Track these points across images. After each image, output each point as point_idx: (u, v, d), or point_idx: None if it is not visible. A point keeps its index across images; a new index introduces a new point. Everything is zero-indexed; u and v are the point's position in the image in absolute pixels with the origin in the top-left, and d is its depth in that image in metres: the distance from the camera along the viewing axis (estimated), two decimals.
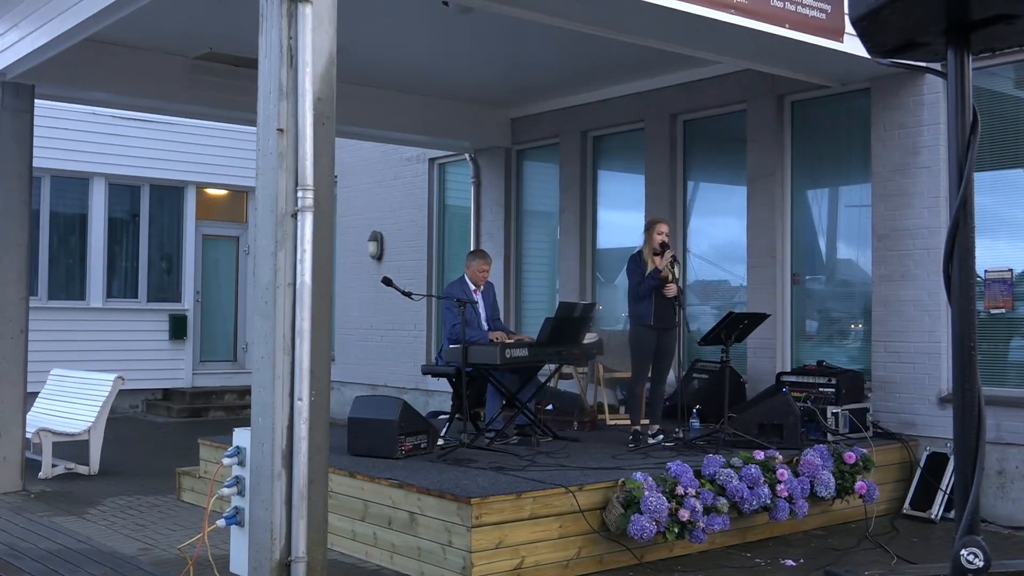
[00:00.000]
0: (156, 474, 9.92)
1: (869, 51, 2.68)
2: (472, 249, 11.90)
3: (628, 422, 8.94)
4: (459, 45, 9.67)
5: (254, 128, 5.44)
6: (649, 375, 8.48)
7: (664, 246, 8.23)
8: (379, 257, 14.31)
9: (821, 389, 8.64)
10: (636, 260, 8.40)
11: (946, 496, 8.07)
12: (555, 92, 11.63)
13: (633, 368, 8.53)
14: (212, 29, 9.09)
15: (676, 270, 8.36)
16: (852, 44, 7.73)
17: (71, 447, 10.45)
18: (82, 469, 10.13)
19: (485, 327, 8.94)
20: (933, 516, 8.07)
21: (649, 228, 8.41)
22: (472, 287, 8.98)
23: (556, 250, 12.17)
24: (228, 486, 5.41)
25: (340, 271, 14.67)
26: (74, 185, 15.49)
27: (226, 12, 8.42)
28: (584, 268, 11.71)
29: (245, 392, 15.54)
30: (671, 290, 8.21)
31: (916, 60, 2.73)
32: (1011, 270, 8.26)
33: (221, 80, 9.99)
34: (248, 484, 5.30)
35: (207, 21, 8.84)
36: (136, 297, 15.97)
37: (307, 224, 5.14)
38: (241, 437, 5.44)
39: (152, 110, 11.88)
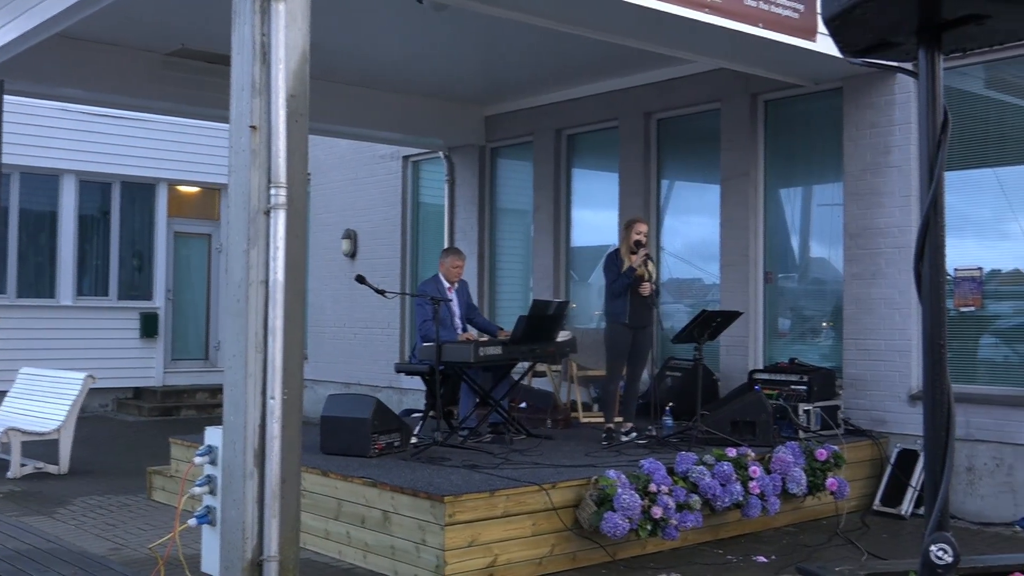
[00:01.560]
0: (127, 473, 9.85)
1: (841, 50, 2.70)
2: (446, 247, 11.89)
3: (602, 420, 8.96)
4: (433, 42, 9.66)
5: (227, 125, 5.41)
6: (624, 373, 8.51)
7: (638, 244, 8.25)
8: (352, 255, 14.26)
9: (793, 387, 8.69)
10: (613, 258, 8.42)
11: (916, 492, 8.14)
12: (529, 90, 11.63)
13: (608, 366, 8.55)
14: (184, 25, 9.02)
15: (652, 269, 8.40)
16: (825, 43, 7.77)
17: (40, 446, 10.35)
18: (52, 468, 10.04)
19: (459, 325, 8.93)
20: (903, 512, 8.14)
21: (627, 227, 8.43)
22: (446, 285, 8.96)
23: (530, 248, 12.17)
24: (199, 485, 5.38)
25: (313, 269, 14.60)
26: (44, 182, 15.34)
27: (198, 8, 8.36)
28: (558, 266, 11.72)
29: (217, 391, 15.44)
30: (646, 289, 8.23)
31: (888, 60, 2.74)
32: (980, 268, 8.34)
33: (193, 76, 9.92)
34: (220, 483, 5.26)
35: (179, 17, 8.78)
36: (107, 295, 15.85)
37: (280, 221, 5.12)
38: (213, 436, 5.40)
39: (124, 106, 11.78)
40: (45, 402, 10.45)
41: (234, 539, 5.08)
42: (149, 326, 15.98)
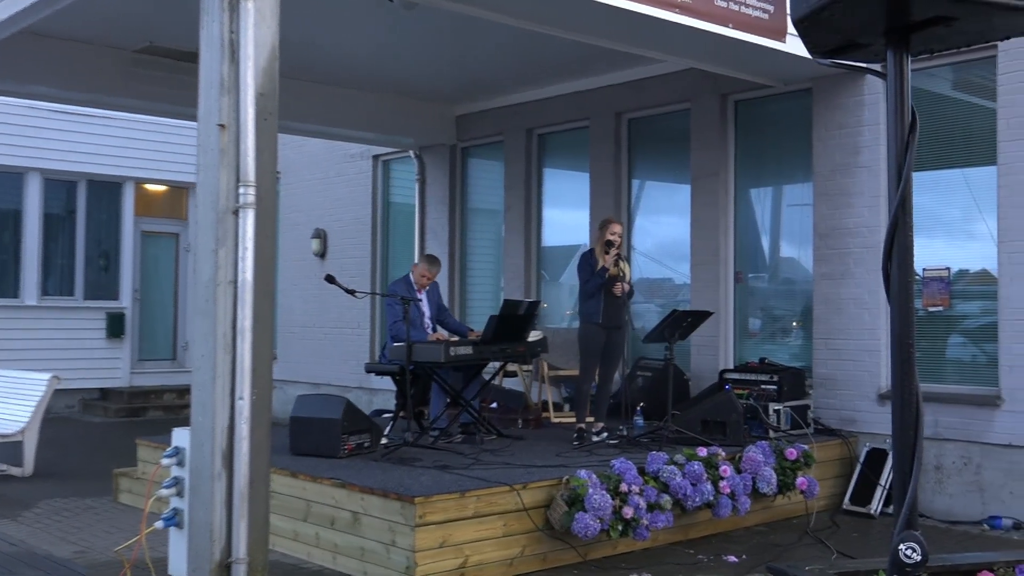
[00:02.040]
0: (92, 476, 9.75)
1: (810, 51, 2.72)
2: (425, 252, 11.86)
3: (573, 420, 8.97)
4: (404, 41, 9.63)
5: (195, 123, 5.37)
6: (596, 373, 8.54)
7: (609, 245, 8.25)
8: (322, 255, 14.21)
9: (763, 386, 8.74)
10: (587, 258, 8.44)
11: (885, 491, 8.21)
12: (500, 89, 11.63)
13: (581, 366, 8.57)
14: (152, 22, 8.94)
15: (625, 269, 8.40)
16: (794, 44, 7.81)
17: (5, 448, 10.22)
18: (16, 471, 9.93)
19: (429, 325, 8.92)
20: (872, 511, 8.21)
21: (602, 227, 8.43)
22: (416, 285, 8.96)
23: (501, 248, 12.17)
24: (167, 487, 5.34)
25: (283, 269, 14.52)
26: (8, 180, 15.16)
27: (166, 5, 8.29)
28: (529, 266, 11.73)
29: (185, 391, 15.27)
30: (619, 289, 8.26)
31: (856, 61, 2.77)
32: (948, 268, 8.42)
33: (161, 74, 9.84)
34: (187, 485, 5.23)
35: (147, 14, 8.70)
36: (72, 295, 15.69)
37: (249, 221, 5.09)
38: (180, 437, 5.36)
39: (91, 104, 11.67)
40: (9, 403, 10.33)
41: (202, 541, 5.04)
42: (115, 326, 15.83)
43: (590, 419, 8.50)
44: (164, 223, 16.72)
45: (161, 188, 16.68)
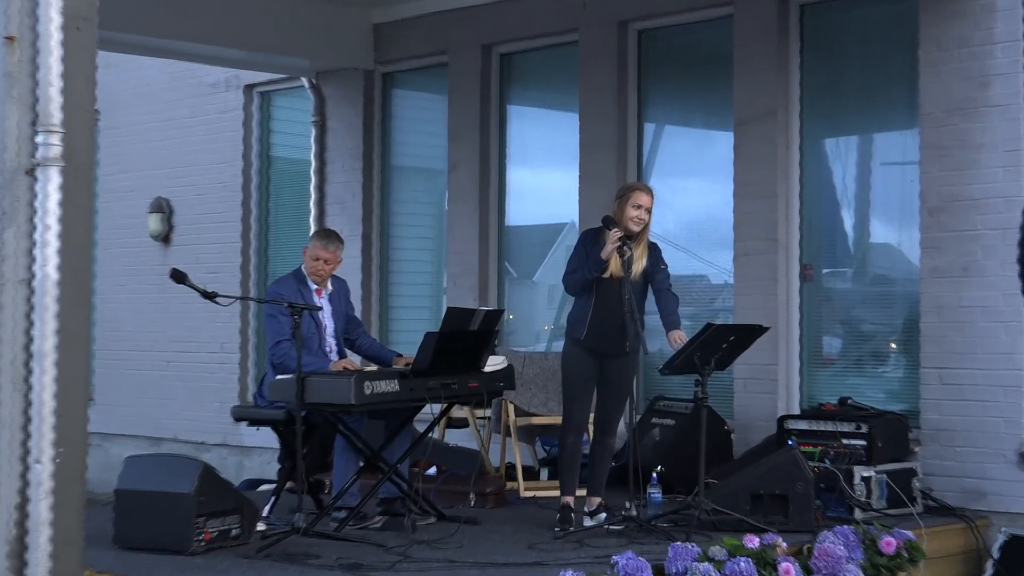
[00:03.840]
0: None
1: None
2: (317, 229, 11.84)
3: (554, 493, 8.99)
4: None
5: None
6: (588, 420, 8.56)
7: (608, 222, 8.19)
8: (166, 238, 14.16)
9: (846, 441, 8.79)
10: (585, 238, 8.36)
11: None
12: None
13: (564, 407, 8.57)
14: None
15: (641, 263, 8.31)
16: None
17: None
18: None
19: (332, 346, 8.89)
20: None
21: (622, 196, 8.36)
22: (314, 286, 8.91)
23: (444, 228, 12.18)
24: None
25: (104, 260, 14.45)
26: None
27: None
28: (486, 255, 11.73)
29: None
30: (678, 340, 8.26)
31: None
32: None
33: None
34: None
35: None
36: None
37: (52, 186, 5.07)
38: None
39: None
40: None
41: None
42: None
43: (580, 492, 8.51)
44: None
45: None
